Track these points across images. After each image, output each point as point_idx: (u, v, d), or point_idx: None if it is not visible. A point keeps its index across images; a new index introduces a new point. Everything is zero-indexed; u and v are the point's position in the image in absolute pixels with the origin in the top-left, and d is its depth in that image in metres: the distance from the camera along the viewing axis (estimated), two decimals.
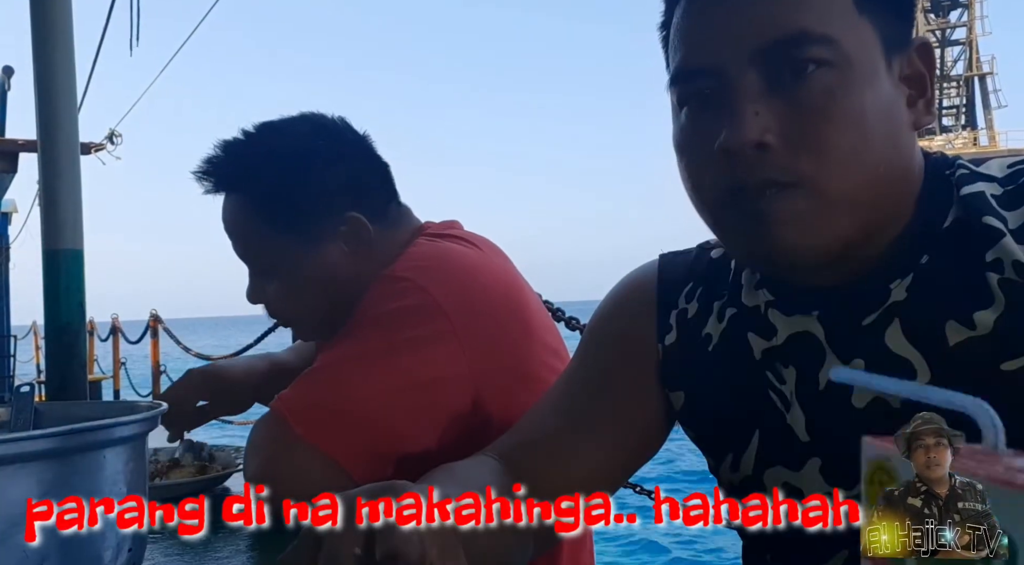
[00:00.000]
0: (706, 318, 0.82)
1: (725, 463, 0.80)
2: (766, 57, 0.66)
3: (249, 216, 1.12)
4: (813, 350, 0.73)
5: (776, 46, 0.65)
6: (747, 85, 0.66)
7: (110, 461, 0.69)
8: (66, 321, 3.05)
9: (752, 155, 0.65)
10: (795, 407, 0.74)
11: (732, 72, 0.66)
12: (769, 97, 0.66)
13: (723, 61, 0.67)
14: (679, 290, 0.85)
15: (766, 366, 0.76)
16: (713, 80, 0.68)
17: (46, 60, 2.99)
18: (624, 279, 0.91)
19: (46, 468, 0.64)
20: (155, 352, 9.05)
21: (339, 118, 1.16)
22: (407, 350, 1.01)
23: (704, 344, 0.81)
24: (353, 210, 1.11)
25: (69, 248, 3.00)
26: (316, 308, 1.14)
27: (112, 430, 0.68)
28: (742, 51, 0.66)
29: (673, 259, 0.88)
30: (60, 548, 0.64)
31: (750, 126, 0.64)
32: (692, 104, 0.70)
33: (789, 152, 0.65)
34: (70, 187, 3.00)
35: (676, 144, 0.72)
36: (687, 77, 0.70)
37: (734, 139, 0.65)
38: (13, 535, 0.61)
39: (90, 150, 5.75)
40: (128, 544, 0.71)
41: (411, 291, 1.03)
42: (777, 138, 0.65)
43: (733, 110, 0.66)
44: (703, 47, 0.69)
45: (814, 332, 0.73)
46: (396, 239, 1.15)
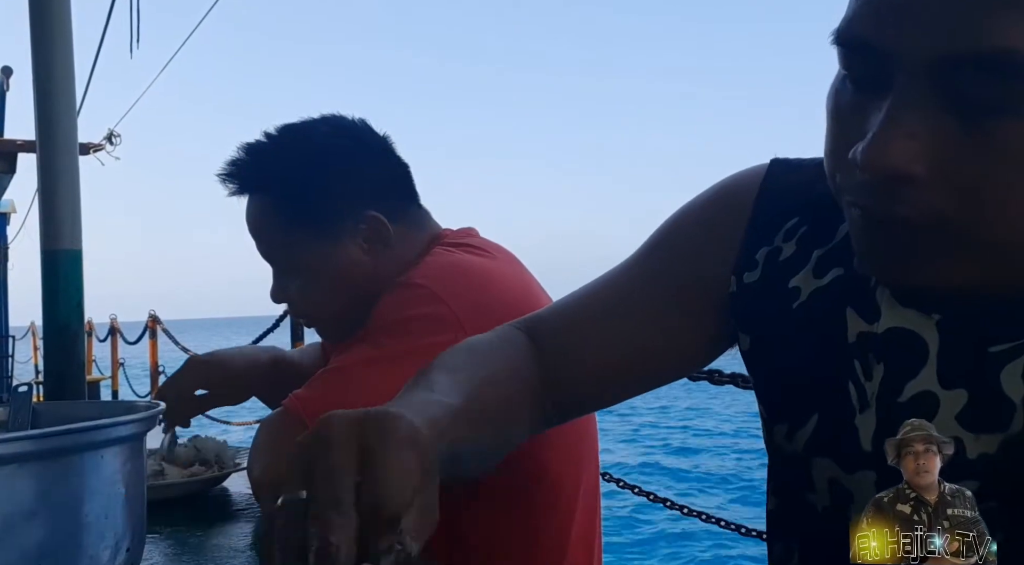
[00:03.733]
0: (799, 267, 0.69)
1: (780, 429, 0.71)
2: (951, 68, 0.50)
3: (272, 217, 1.15)
4: (913, 356, 0.61)
5: (968, 59, 0.49)
6: (912, 90, 0.51)
7: (108, 461, 0.69)
8: (64, 321, 3.05)
9: (888, 184, 0.52)
10: (870, 411, 0.63)
11: (902, 68, 0.52)
12: (937, 114, 0.51)
13: (896, 50, 0.52)
14: (779, 223, 0.72)
15: (857, 353, 0.64)
16: (877, 62, 0.53)
17: (45, 60, 2.98)
18: (721, 184, 0.78)
19: (44, 468, 0.64)
20: (153, 353, 9.04)
21: (360, 120, 1.19)
22: (421, 357, 1.02)
23: (789, 298, 0.69)
24: (373, 210, 1.13)
25: (68, 249, 3.00)
26: (337, 306, 1.16)
27: (110, 430, 0.68)
28: (923, 50, 0.51)
29: (784, 174, 0.73)
30: (59, 547, 0.64)
31: (895, 149, 0.51)
32: (851, 74, 0.56)
33: (939, 188, 0.52)
34: (69, 187, 3.00)
35: (827, 104, 0.59)
36: (850, 44, 0.55)
37: (870, 160, 0.52)
38: (12, 534, 0.61)
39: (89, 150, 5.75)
40: (127, 543, 0.71)
41: (427, 299, 1.04)
42: (928, 169, 0.51)
43: (884, 119, 0.52)
44: (881, 18, 0.53)
45: (925, 337, 0.61)
46: (415, 241, 1.17)
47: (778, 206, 0.72)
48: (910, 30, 0.51)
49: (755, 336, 0.73)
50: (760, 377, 0.74)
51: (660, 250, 0.78)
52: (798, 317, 0.69)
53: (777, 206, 0.73)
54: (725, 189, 0.77)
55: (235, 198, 1.18)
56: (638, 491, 2.90)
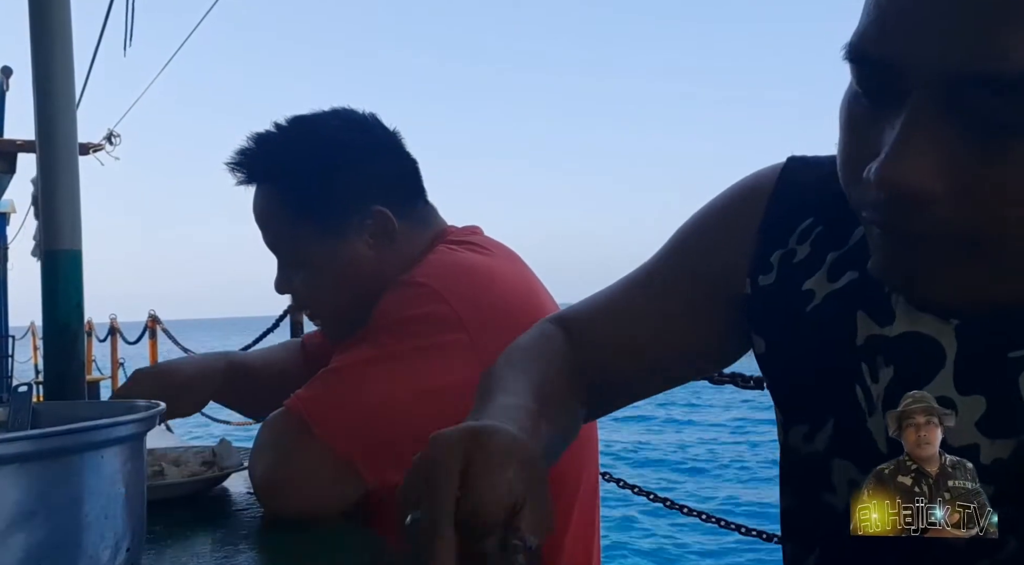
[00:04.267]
0: (814, 270, 0.69)
1: (798, 431, 0.70)
2: (965, 87, 0.49)
3: (279, 207, 1.15)
4: (930, 361, 0.61)
5: (982, 78, 0.48)
6: (925, 107, 0.50)
7: (108, 461, 0.69)
8: (64, 322, 3.05)
9: (903, 202, 0.52)
10: (878, 413, 0.63)
11: (916, 85, 0.51)
12: (951, 131, 0.50)
13: (910, 66, 0.51)
14: (794, 224, 0.71)
15: (864, 356, 0.64)
16: (891, 78, 0.52)
17: (44, 60, 2.98)
18: (740, 183, 0.77)
19: (44, 468, 0.64)
20: (153, 353, 9.04)
21: (370, 114, 1.19)
22: (424, 356, 1.02)
23: (803, 301, 0.69)
24: (380, 205, 1.13)
25: (67, 249, 2.99)
26: (340, 300, 1.16)
27: (110, 430, 0.68)
28: (937, 67, 0.49)
29: (800, 174, 0.73)
30: (58, 548, 0.64)
31: (909, 168, 0.50)
32: (864, 88, 0.55)
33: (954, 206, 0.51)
34: (68, 188, 2.99)
35: (840, 114, 0.58)
36: (862, 60, 0.54)
37: (884, 180, 0.51)
38: (11, 534, 0.61)
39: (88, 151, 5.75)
40: (127, 543, 0.70)
41: (429, 298, 1.04)
42: (942, 187, 0.51)
43: (897, 138, 0.51)
44: (894, 34, 0.51)
45: (943, 343, 0.60)
46: (420, 237, 1.17)
47: (792, 205, 0.72)
48: (924, 46, 0.50)
49: (769, 339, 0.73)
50: (775, 380, 0.74)
51: (678, 254, 0.80)
52: (812, 320, 0.68)
53: (791, 205, 0.72)
54: (742, 189, 0.77)
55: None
56: (638, 491, 2.90)
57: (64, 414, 0.84)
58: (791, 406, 0.72)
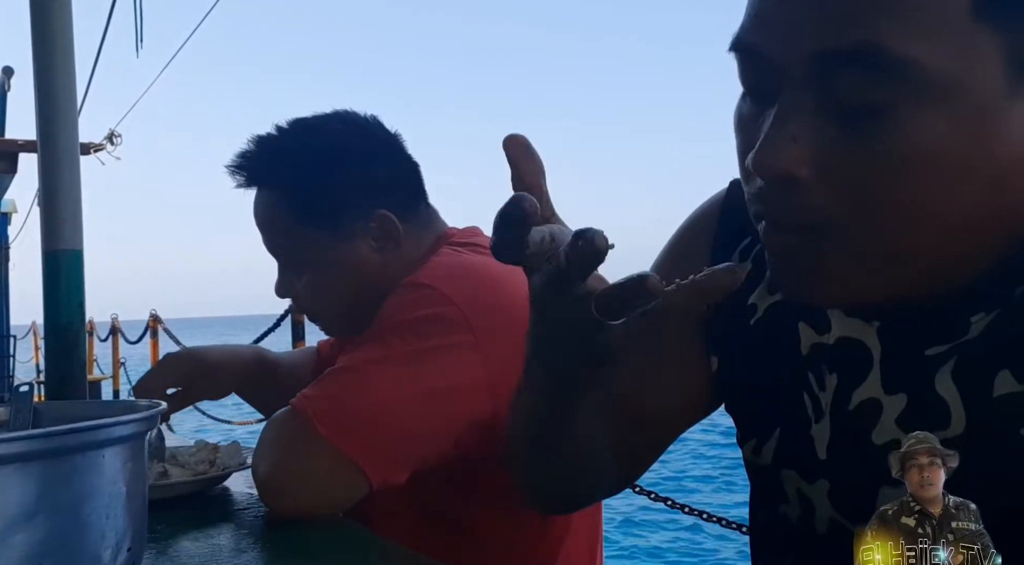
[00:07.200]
0: (755, 284, 0.70)
1: (749, 445, 0.73)
2: (825, 65, 0.51)
3: (280, 210, 1.15)
4: (859, 363, 0.63)
5: (838, 57, 0.51)
6: (794, 96, 0.53)
7: (109, 461, 0.69)
8: (66, 321, 3.05)
9: (778, 188, 0.54)
10: (825, 420, 0.65)
11: (783, 71, 0.53)
12: (819, 118, 0.52)
13: (778, 51, 0.53)
14: (734, 244, 0.74)
15: (810, 365, 0.66)
16: (766, 71, 0.55)
17: (46, 60, 2.98)
18: (694, 211, 0.80)
19: (45, 468, 0.63)
20: (155, 352, 9.05)
21: (371, 117, 1.19)
22: (430, 358, 1.02)
23: (747, 315, 0.71)
24: (383, 208, 1.13)
25: (69, 248, 2.99)
26: (343, 303, 1.16)
27: (111, 429, 0.68)
28: (800, 47, 0.52)
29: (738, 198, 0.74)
30: (59, 548, 0.64)
31: (780, 153, 0.52)
32: (746, 85, 0.58)
33: (825, 191, 0.53)
34: (70, 187, 3.00)
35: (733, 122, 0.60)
36: (741, 49, 0.57)
37: (758, 164, 0.53)
38: (12, 534, 0.61)
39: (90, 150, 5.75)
40: (128, 543, 0.70)
41: (435, 300, 1.04)
42: (812, 172, 0.52)
43: (770, 125, 0.53)
44: (762, 24, 0.55)
45: (868, 344, 0.62)
46: (423, 240, 1.17)
47: (735, 226, 0.74)
48: (785, 32, 0.53)
49: (721, 357, 0.75)
50: (727, 395, 0.76)
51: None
52: (756, 333, 0.70)
53: (734, 226, 0.74)
54: (697, 216, 0.79)
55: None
56: (638, 490, 2.90)
57: (65, 414, 0.84)
58: (743, 420, 0.74)
